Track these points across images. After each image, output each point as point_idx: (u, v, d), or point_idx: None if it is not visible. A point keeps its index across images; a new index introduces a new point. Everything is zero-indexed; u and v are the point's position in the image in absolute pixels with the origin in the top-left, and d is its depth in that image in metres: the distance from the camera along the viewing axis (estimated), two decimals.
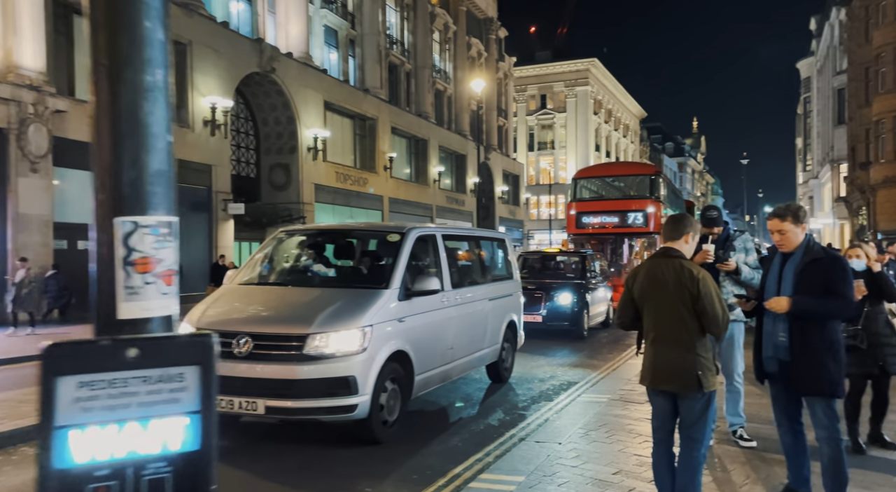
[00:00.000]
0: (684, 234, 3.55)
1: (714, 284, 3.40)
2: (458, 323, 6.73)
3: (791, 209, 3.75)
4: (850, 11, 38.51)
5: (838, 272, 3.56)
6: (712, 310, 3.32)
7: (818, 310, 3.57)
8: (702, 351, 3.38)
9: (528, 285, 12.70)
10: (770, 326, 3.75)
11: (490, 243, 8.78)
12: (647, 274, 3.55)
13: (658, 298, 3.47)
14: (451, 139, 37.62)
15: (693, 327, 3.38)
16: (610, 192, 18.55)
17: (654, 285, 3.48)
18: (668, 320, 3.43)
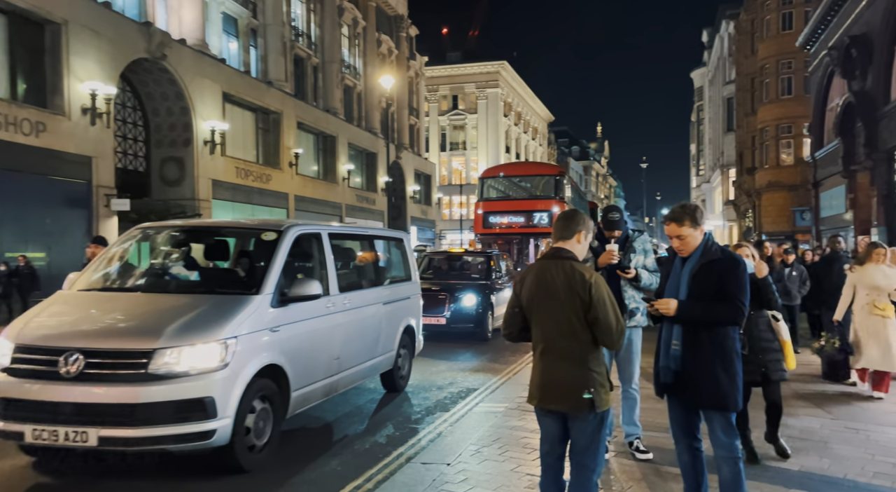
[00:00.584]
0: (576, 232, 3.15)
1: (608, 290, 3.01)
2: (346, 330, 6.13)
3: (688, 211, 3.43)
4: (738, 25, 40.81)
5: (732, 274, 3.29)
6: (605, 319, 2.93)
7: (705, 314, 3.28)
8: (594, 366, 2.99)
9: (432, 286, 12.26)
10: (666, 333, 3.43)
11: (386, 243, 8.23)
12: (535, 278, 3.12)
13: (547, 306, 3.05)
14: (362, 137, 36.75)
15: (585, 339, 2.99)
16: (516, 192, 18.47)
17: (543, 291, 3.06)
18: (558, 331, 3.01)
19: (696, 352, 3.27)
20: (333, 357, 5.90)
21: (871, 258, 6.63)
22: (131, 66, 19.57)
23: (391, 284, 7.68)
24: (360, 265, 7.33)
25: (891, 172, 14.85)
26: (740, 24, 40.33)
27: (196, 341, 4.36)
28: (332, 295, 5.94)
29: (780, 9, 33.32)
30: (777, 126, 33.71)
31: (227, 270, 5.93)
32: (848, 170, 16.96)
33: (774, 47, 33.50)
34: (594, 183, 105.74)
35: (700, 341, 3.28)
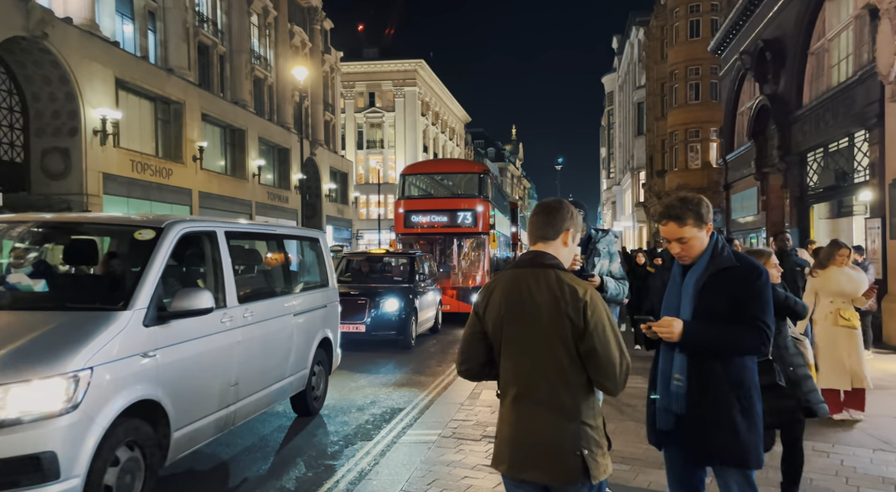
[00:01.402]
0: (562, 230, 2.28)
1: (608, 311, 2.18)
2: (246, 349, 5.07)
3: (690, 206, 2.61)
4: (648, 31, 41.97)
5: (752, 286, 2.51)
6: (605, 352, 2.10)
7: (720, 340, 2.49)
8: (589, 417, 2.15)
9: (351, 291, 11.27)
10: (665, 363, 2.63)
11: (299, 244, 7.17)
12: (506, 294, 2.25)
13: (523, 334, 2.20)
14: (273, 131, 34.94)
15: (577, 380, 2.14)
16: (438, 190, 17.64)
17: (517, 312, 2.20)
18: (538, 368, 2.16)
19: (707, 390, 2.50)
20: (229, 383, 4.83)
21: (835, 260, 5.77)
22: (6, 45, 17.34)
23: (305, 291, 6.64)
24: (266, 270, 6.25)
25: (803, 175, 15.18)
26: (650, 31, 41.46)
27: (31, 376, 3.23)
28: (228, 307, 4.87)
29: (689, 16, 34.36)
30: (686, 130, 34.75)
31: (86, 278, 4.73)
32: (760, 172, 17.31)
33: (683, 53, 34.51)
34: (509, 184, 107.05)
35: (712, 376, 2.51)
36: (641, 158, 46.08)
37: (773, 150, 16.80)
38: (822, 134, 13.61)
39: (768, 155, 17.16)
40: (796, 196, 15.30)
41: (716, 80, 34.51)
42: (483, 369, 2.34)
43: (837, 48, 13.49)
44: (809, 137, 14.29)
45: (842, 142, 13.07)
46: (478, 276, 15.94)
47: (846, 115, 12.21)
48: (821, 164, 14.35)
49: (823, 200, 14.54)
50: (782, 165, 15.51)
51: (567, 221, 2.29)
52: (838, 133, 12.84)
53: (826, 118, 13.23)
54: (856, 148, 12.45)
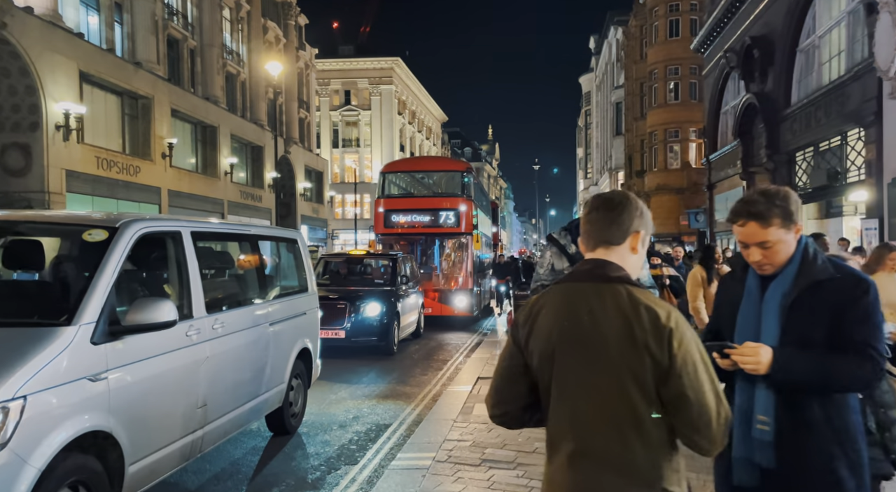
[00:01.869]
0: (631, 232, 1.73)
1: (699, 341, 1.63)
2: (216, 366, 4.46)
3: (778, 201, 2.06)
4: (627, 31, 41.90)
5: (860, 305, 1.97)
6: (699, 398, 1.55)
7: (820, 374, 1.94)
8: (672, 483, 1.59)
9: (330, 294, 10.67)
10: (744, 401, 2.07)
11: (275, 245, 6.54)
12: (559, 316, 1.68)
13: (583, 370, 1.64)
14: (246, 128, 34.02)
15: (656, 434, 1.59)
16: (420, 189, 17.07)
17: (576, 342, 1.64)
18: (604, 417, 1.60)
19: (803, 437, 1.97)
20: (196, 406, 4.22)
21: (885, 265, 4.84)
22: None
23: (282, 297, 6.02)
24: (238, 275, 5.63)
25: (792, 175, 14.94)
26: (629, 31, 41.39)
27: None
28: (195, 318, 4.25)
29: (668, 15, 34.29)
30: (665, 130, 34.67)
31: (23, 287, 4.07)
32: (747, 172, 17.07)
33: (663, 53, 34.43)
34: (486, 184, 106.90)
35: (808, 419, 1.97)
36: (620, 158, 46.02)
37: (760, 149, 16.56)
38: (812, 133, 13.36)
39: (755, 154, 16.93)
40: None
41: (695, 79, 34.52)
42: (524, 413, 1.78)
43: (828, 45, 13.25)
44: (799, 136, 14.05)
45: (833, 140, 12.82)
46: (460, 277, 15.41)
47: (840, 113, 11.95)
48: (811, 163, 14.12)
49: (813, 201, 14.31)
50: (770, 165, 15.25)
51: (636, 220, 1.74)
52: (830, 131, 12.59)
53: (818, 116, 12.98)
54: (849, 147, 12.20)
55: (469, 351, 11.55)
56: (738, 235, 2.09)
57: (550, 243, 3.69)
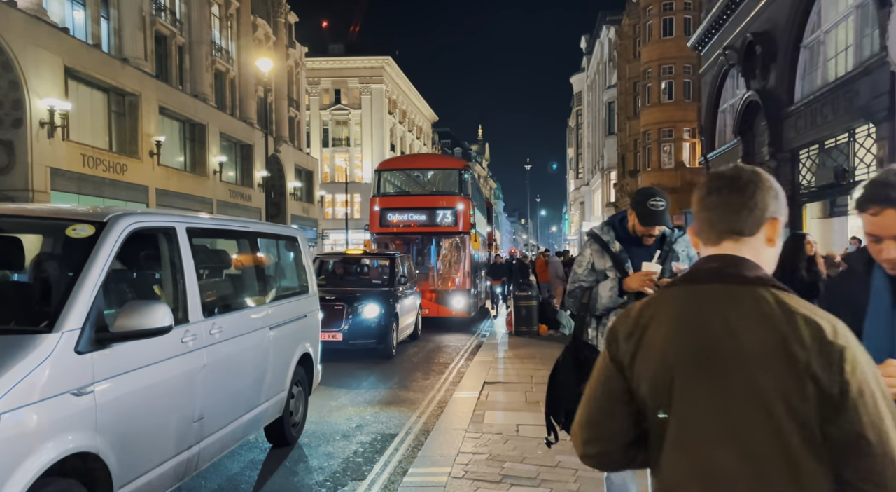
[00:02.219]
0: (768, 218, 1.37)
1: (873, 365, 1.24)
2: (213, 375, 4.07)
3: None
4: (620, 30, 41.72)
5: None
6: (880, 440, 1.16)
7: None
8: None
9: (327, 296, 10.27)
10: None
11: (275, 244, 6.15)
12: (680, 327, 1.30)
13: (712, 399, 1.24)
14: (236, 126, 33.51)
15: (816, 485, 1.18)
16: (416, 187, 16.69)
17: (705, 361, 1.25)
18: (746, 460, 1.20)
19: None
20: (192, 419, 3.82)
21: None
22: None
23: (282, 299, 5.63)
24: (237, 275, 5.23)
25: (795, 172, 14.72)
26: (622, 30, 41.22)
27: None
28: (191, 323, 3.86)
29: (662, 14, 34.11)
30: (659, 130, 34.48)
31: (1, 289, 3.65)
32: None
33: (657, 52, 34.24)
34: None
35: None
36: (612, 157, 45.81)
37: (762, 147, 16.32)
38: (818, 130, 13.13)
39: (756, 153, 16.69)
40: (788, 195, 14.75)
41: (689, 79, 34.37)
42: (628, 452, 1.38)
43: (834, 40, 13.02)
44: (803, 134, 13.81)
45: (841, 138, 12.58)
46: (458, 278, 15.06)
47: (848, 110, 11.71)
48: (815, 161, 13.89)
49: (817, 199, 14.08)
50: (773, 163, 15.01)
51: (772, 204, 1.38)
52: (838, 128, 12.35)
53: (824, 113, 12.74)
54: (857, 144, 11.97)
55: (470, 354, 11.19)
56: (870, 225, 1.72)
57: (591, 240, 3.35)
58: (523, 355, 10.28)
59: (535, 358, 10.03)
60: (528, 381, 8.11)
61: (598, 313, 3.17)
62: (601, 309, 3.14)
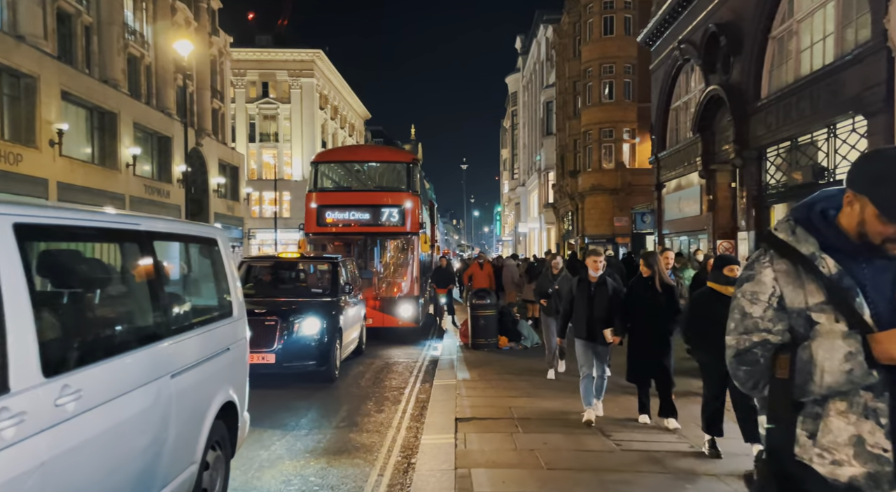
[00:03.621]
0: None
1: None
2: (62, 475, 2.36)
3: None
4: (559, 28, 41.15)
5: None
6: None
7: None
8: None
9: (256, 308, 8.51)
10: None
11: (183, 248, 4.41)
12: None
13: None
14: (152, 117, 30.70)
15: None
16: (359, 182, 14.94)
17: None
18: None
19: None
20: None
21: None
22: None
23: (192, 329, 3.90)
24: (117, 298, 3.49)
25: (762, 171, 13.96)
26: (561, 28, 40.64)
27: None
28: (13, 392, 2.16)
29: (603, 13, 33.61)
30: (600, 129, 33.96)
31: None
32: (707, 169, 16.08)
33: (598, 51, 33.72)
34: None
35: None
36: (551, 158, 45.25)
37: (722, 145, 15.54)
38: (793, 126, 12.33)
39: (717, 151, 15.93)
40: (754, 195, 14.02)
41: (630, 79, 34.00)
42: None
43: (809, 30, 12.26)
44: (774, 130, 13.02)
45: (818, 133, 11.80)
46: (405, 284, 13.47)
47: (831, 103, 10.89)
48: (785, 159, 13.13)
49: (787, 200, 13.33)
50: (739, 161, 14.21)
51: None
52: (816, 124, 11.55)
53: (800, 107, 11.94)
54: (838, 140, 11.18)
55: (425, 374, 9.65)
56: None
57: (772, 251, 1.77)
58: (490, 377, 8.83)
59: (506, 380, 8.59)
60: (509, 414, 6.65)
61: (811, 397, 1.63)
62: (823, 390, 1.60)
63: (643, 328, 6.00)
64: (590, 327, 6.17)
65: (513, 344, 11.69)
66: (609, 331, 6.07)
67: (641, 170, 32.97)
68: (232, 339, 4.34)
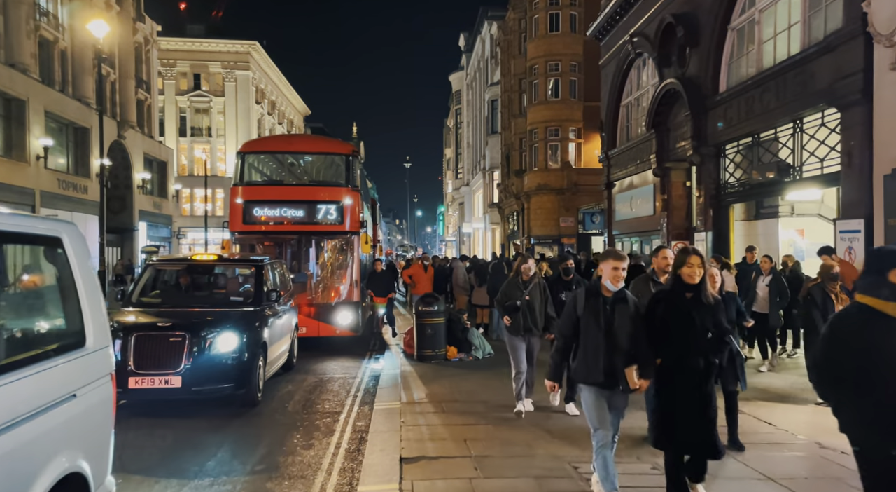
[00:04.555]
0: None
1: None
2: None
3: None
4: (504, 25, 40.44)
5: None
6: None
7: None
8: None
9: (160, 321, 7.14)
10: None
11: (5, 251, 3.06)
12: None
13: None
14: (67, 106, 28.25)
15: None
16: (292, 175, 13.51)
17: None
18: None
19: None
20: None
21: None
22: None
23: (14, 370, 2.58)
24: None
25: (719, 169, 13.35)
26: (506, 24, 39.94)
27: None
28: None
29: (549, 9, 33.02)
30: (546, 128, 33.36)
31: None
32: (662, 167, 15.43)
33: (544, 48, 33.11)
34: None
35: None
36: (496, 157, 44.51)
37: (678, 142, 14.89)
38: (755, 120, 11.70)
39: (671, 147, 15.28)
40: (712, 194, 13.38)
41: (576, 77, 33.55)
42: None
43: (773, 18, 11.64)
44: (734, 126, 12.39)
45: (783, 129, 11.19)
46: (344, 288, 12.18)
47: (800, 95, 10.25)
48: (745, 156, 12.52)
49: (747, 199, 12.75)
50: (696, 158, 13.56)
51: None
52: (782, 118, 10.92)
53: (764, 101, 11.30)
54: (805, 135, 10.58)
55: (365, 393, 8.43)
56: None
57: None
58: (441, 397, 7.68)
59: (458, 402, 7.46)
60: (465, 451, 5.51)
61: None
62: None
63: (681, 365, 4.00)
64: (608, 366, 4.10)
65: (462, 355, 10.59)
66: (633, 370, 4.07)
67: (588, 170, 32.53)
68: (81, 380, 3.03)
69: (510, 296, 6.91)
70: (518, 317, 6.79)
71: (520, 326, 6.79)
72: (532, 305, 6.81)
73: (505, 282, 7.24)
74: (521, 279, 6.95)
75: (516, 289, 6.92)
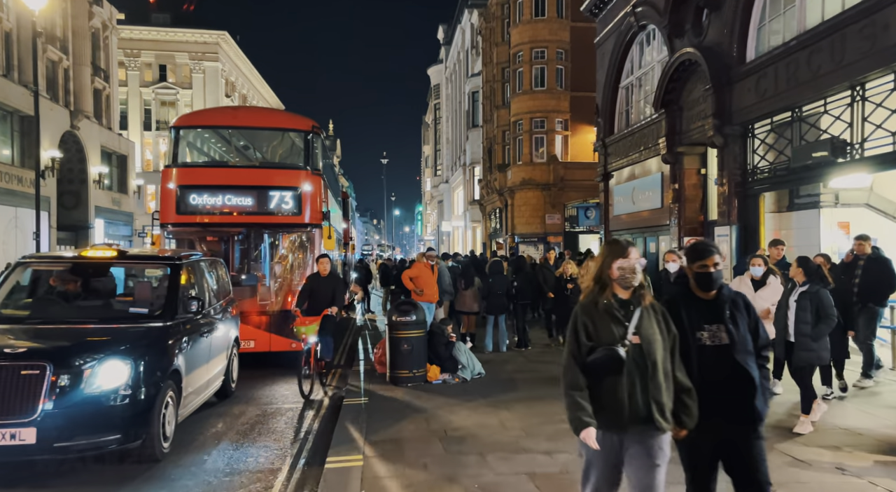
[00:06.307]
0: None
1: None
2: None
3: None
4: (486, 12, 38.47)
5: None
6: None
7: None
8: None
9: (7, 347, 4.92)
10: None
11: None
12: None
13: None
14: (11, 92, 25.73)
15: None
16: (239, 155, 11.24)
17: None
18: None
19: None
20: None
21: None
22: None
23: None
24: None
25: (746, 152, 11.42)
26: (488, 10, 37.97)
27: None
28: None
29: None
30: (531, 119, 31.42)
31: None
32: (673, 152, 13.50)
33: (528, 33, 31.19)
34: None
35: None
36: (477, 151, 42.46)
37: (693, 122, 12.94)
38: (797, 90, 9.74)
39: (684, 129, 13.32)
40: (737, 181, 11.43)
41: (562, 65, 31.63)
42: None
43: None
44: (768, 98, 10.45)
45: (835, 99, 9.25)
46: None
47: (868, 53, 8.31)
48: (781, 134, 10.59)
49: (780, 186, 10.81)
50: (719, 140, 11.61)
51: None
52: (836, 85, 8.97)
53: (813, 64, 9.34)
54: (869, 104, 8.64)
55: (318, 435, 6.30)
56: None
57: None
58: (420, 444, 5.55)
59: (451, 454, 5.35)
60: None
61: None
62: None
63: None
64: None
65: (446, 376, 8.48)
66: None
67: (576, 163, 30.62)
68: None
69: (596, 336, 2.97)
70: (615, 386, 2.90)
71: (621, 409, 2.90)
72: (648, 356, 2.92)
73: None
74: (611, 295, 3.03)
75: (603, 320, 2.99)
